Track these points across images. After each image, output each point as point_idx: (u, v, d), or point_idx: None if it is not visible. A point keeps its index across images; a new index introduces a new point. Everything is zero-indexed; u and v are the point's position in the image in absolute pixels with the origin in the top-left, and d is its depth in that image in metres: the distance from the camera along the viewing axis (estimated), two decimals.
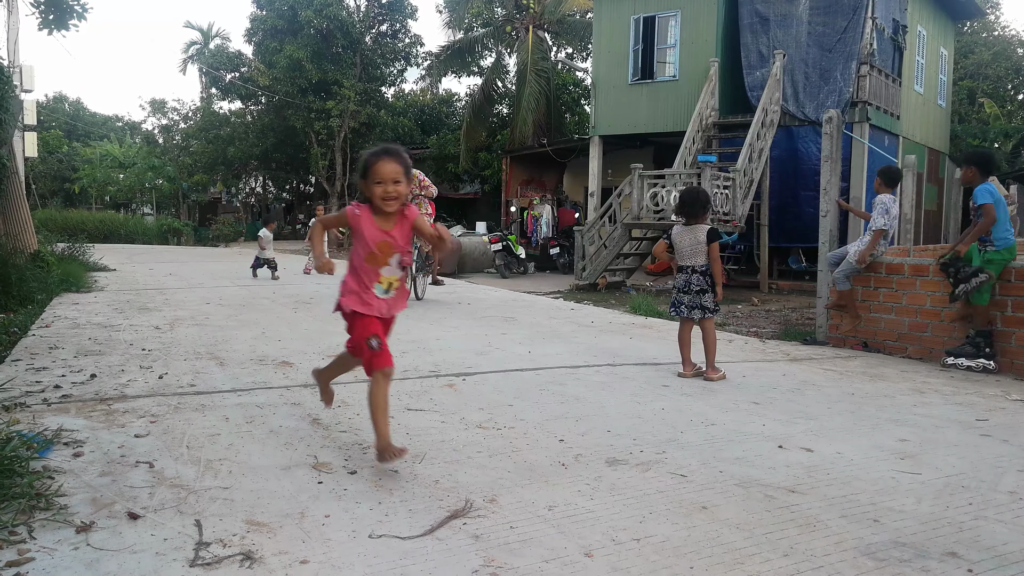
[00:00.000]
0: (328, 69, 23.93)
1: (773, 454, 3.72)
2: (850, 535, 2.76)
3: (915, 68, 18.12)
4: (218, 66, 27.57)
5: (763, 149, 14.48)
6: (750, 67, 16.04)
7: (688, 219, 5.61)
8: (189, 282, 11.12)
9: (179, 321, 7.25)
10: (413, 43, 26.87)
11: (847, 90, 14.81)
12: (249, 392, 4.53)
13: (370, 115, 25.47)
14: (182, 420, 3.86)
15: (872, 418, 4.57)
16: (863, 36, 14.85)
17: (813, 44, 15.36)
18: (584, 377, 5.40)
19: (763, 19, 15.97)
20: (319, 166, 25.54)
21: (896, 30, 16.47)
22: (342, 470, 3.22)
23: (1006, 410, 4.95)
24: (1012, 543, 2.75)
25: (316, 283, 11.60)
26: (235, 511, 2.73)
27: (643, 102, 17.80)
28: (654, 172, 14.18)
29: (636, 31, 17.68)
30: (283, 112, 25.88)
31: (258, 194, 35.26)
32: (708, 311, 5.57)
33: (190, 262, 15.31)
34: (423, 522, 2.71)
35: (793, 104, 15.35)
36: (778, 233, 15.43)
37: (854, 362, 6.69)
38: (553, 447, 3.68)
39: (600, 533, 2.69)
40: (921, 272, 6.98)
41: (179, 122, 32.63)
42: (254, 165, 30.79)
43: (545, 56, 25.47)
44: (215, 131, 28.67)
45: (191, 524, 2.60)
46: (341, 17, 23.55)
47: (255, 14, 25.06)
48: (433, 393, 4.69)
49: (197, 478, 3.04)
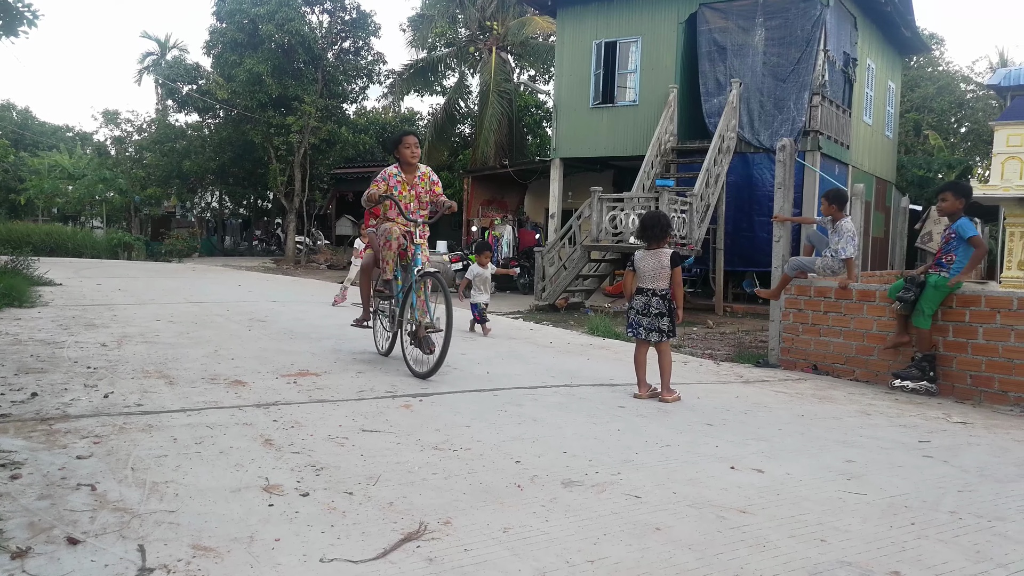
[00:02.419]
0: (289, 84, 23.77)
1: (725, 475, 3.77)
2: (798, 555, 2.80)
3: (864, 100, 18.65)
4: (175, 78, 27.21)
5: (719, 175, 14.74)
6: (708, 94, 16.35)
7: (650, 243, 5.68)
8: (139, 298, 10.91)
9: (127, 338, 7.10)
10: (376, 61, 26.83)
11: (800, 119, 15.18)
12: (199, 412, 4.44)
13: (331, 131, 25.33)
14: (127, 441, 3.77)
15: (821, 439, 4.65)
16: (816, 68, 15.25)
17: (768, 74, 15.72)
18: (542, 398, 5.41)
19: (721, 48, 16.31)
20: (278, 182, 25.26)
21: (847, 63, 16.95)
22: (294, 492, 3.18)
23: (947, 432, 5.08)
24: (952, 562, 2.81)
25: (271, 301, 11.47)
26: (181, 535, 2.67)
27: (604, 126, 18.02)
28: (613, 195, 14.34)
29: (598, 56, 17.92)
30: (242, 126, 25.60)
31: (214, 209, 34.76)
32: (665, 334, 5.62)
33: (141, 277, 15.02)
34: (376, 545, 2.68)
35: (749, 131, 15.67)
36: (733, 257, 15.69)
37: (804, 384, 6.81)
38: (509, 468, 3.68)
39: (554, 555, 2.69)
40: (868, 297, 7.16)
41: (133, 134, 32.07)
42: (210, 179, 30.34)
43: (508, 78, 25.67)
44: (170, 143, 28.21)
45: (134, 549, 2.54)
46: (303, 32, 23.44)
47: (215, 26, 24.82)
48: (389, 414, 4.65)
49: (142, 501, 2.97)
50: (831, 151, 16.06)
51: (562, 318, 12.45)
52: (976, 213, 21.42)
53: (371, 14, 25.93)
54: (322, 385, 5.36)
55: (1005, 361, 6.16)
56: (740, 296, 16.39)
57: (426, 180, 6.60)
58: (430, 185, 6.62)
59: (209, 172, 28.91)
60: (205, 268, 19.91)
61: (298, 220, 26.33)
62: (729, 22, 16.20)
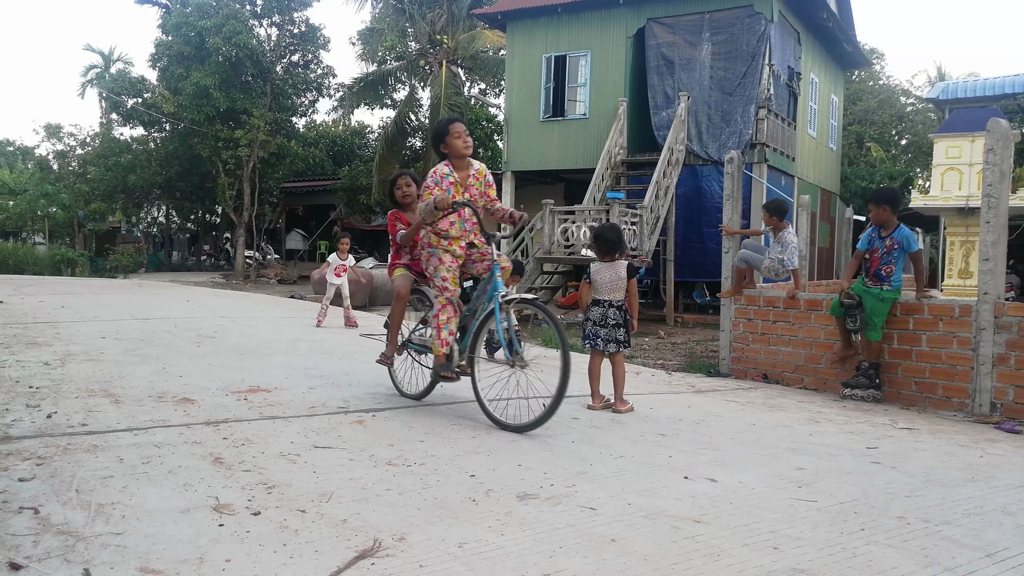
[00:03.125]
0: (237, 97, 23.48)
1: (679, 485, 3.80)
2: (751, 563, 2.84)
3: (809, 113, 19.11)
4: (119, 91, 26.68)
5: (669, 187, 14.95)
6: (656, 107, 16.59)
7: (605, 255, 5.73)
8: (84, 315, 10.62)
9: (71, 356, 6.90)
10: (325, 74, 26.68)
11: (747, 132, 15.49)
12: (146, 431, 4.33)
13: (280, 145, 25.08)
14: (72, 462, 3.66)
15: (772, 447, 4.72)
16: (761, 81, 15.59)
17: (715, 87, 16.02)
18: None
19: (669, 62, 16.58)
20: (226, 196, 24.88)
21: (791, 77, 17.36)
22: (245, 511, 3.12)
23: (894, 438, 5.21)
24: (901, 567, 2.87)
25: (221, 317, 11.27)
26: (128, 558, 2.60)
27: (554, 139, 18.15)
28: (565, 208, 14.46)
29: (548, 69, 18.07)
30: (189, 140, 25.20)
31: (161, 224, 34.08)
32: (621, 344, 5.67)
33: (85, 294, 14.64)
34: (330, 563, 2.64)
35: (697, 144, 15.93)
36: (683, 268, 15.91)
37: (755, 393, 6.92)
38: (464, 483, 3.66)
39: (510, 569, 2.68)
40: (816, 307, 7.31)
41: (76, 148, 31.34)
42: (157, 194, 29.78)
43: (458, 91, 25.69)
44: (115, 158, 27.62)
45: (79, 573, 2.46)
46: (251, 45, 23.19)
47: (160, 39, 24.44)
48: (342, 430, 4.60)
49: (87, 524, 2.89)
50: (777, 163, 16.41)
51: None
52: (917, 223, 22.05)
53: (320, 27, 25.81)
54: (273, 401, 5.28)
55: (948, 368, 6.34)
56: (691, 307, 16.61)
57: (481, 180, 5.25)
58: (484, 187, 5.26)
59: (155, 186, 28.39)
60: (152, 284, 19.48)
61: (247, 235, 25.96)
62: (677, 36, 16.49)
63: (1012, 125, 6.78)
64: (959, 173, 15.36)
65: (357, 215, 29.41)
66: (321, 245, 30.89)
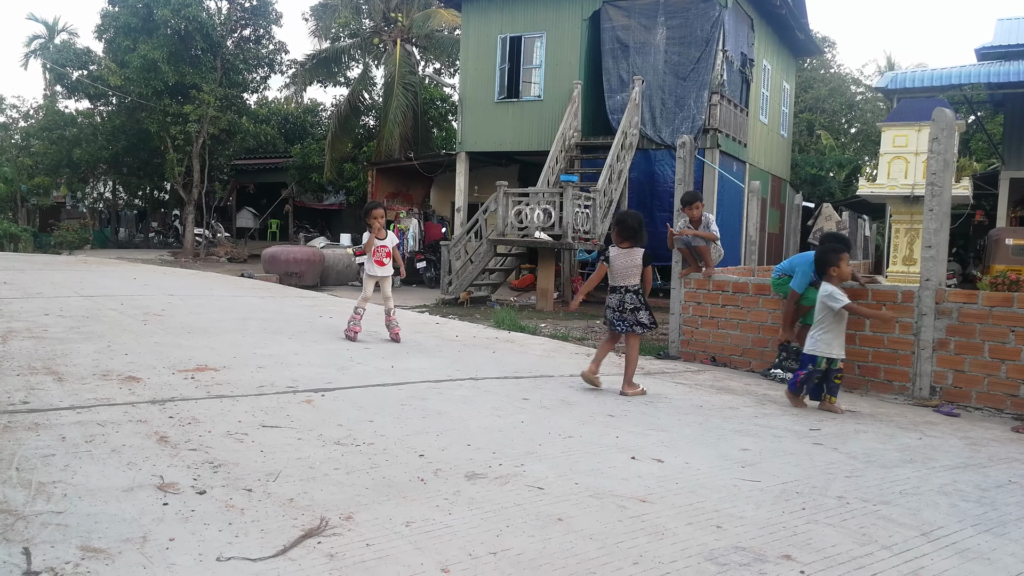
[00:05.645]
0: (186, 72, 22.87)
1: (626, 465, 3.86)
2: (695, 541, 2.91)
3: (761, 100, 19.35)
4: (64, 63, 25.79)
5: (622, 171, 15.03)
6: (611, 91, 16.63)
7: (624, 241, 5.90)
8: (26, 292, 10.33)
9: (13, 333, 6.72)
10: (278, 50, 26.10)
11: (700, 117, 15.62)
12: (90, 409, 4.25)
13: (231, 121, 24.54)
14: (12, 440, 3.58)
15: (718, 429, 4.82)
16: (715, 67, 15.72)
17: (669, 72, 16.11)
18: (447, 391, 5.41)
19: (623, 46, 16.61)
20: (175, 172, 24.29)
21: (744, 63, 17.54)
22: (190, 490, 3.09)
23: (836, 420, 5.35)
24: (840, 545, 2.97)
25: (169, 295, 11.06)
26: (69, 537, 2.56)
27: (509, 120, 18.10)
28: (519, 190, 14.45)
29: (503, 50, 17.97)
30: (136, 114, 24.52)
31: (107, 200, 33.18)
32: (646, 326, 5.87)
33: (28, 270, 14.21)
34: (276, 542, 2.64)
35: (651, 128, 16.03)
36: None
37: (703, 375, 7.04)
38: (413, 462, 3.67)
39: (457, 548, 2.70)
40: (764, 291, 7.45)
41: (19, 120, 30.32)
42: (103, 169, 28.97)
43: (413, 70, 25.43)
44: (59, 131, 26.77)
45: (19, 552, 2.42)
46: (201, 18, 22.58)
47: (106, 10, 23.64)
48: (290, 409, 4.57)
49: (27, 502, 2.84)
50: (729, 148, 16.60)
51: (468, 312, 12.47)
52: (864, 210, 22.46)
53: (272, 2, 25.26)
54: (221, 380, 5.21)
55: (890, 352, 6.51)
56: None
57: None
58: None
59: (101, 161, 27.63)
60: (98, 261, 18.99)
61: (197, 212, 25.45)
62: (632, 20, 16.52)
63: (957, 115, 6.95)
64: (905, 162, 15.67)
65: (309, 193, 29.02)
66: (272, 224, 30.44)
